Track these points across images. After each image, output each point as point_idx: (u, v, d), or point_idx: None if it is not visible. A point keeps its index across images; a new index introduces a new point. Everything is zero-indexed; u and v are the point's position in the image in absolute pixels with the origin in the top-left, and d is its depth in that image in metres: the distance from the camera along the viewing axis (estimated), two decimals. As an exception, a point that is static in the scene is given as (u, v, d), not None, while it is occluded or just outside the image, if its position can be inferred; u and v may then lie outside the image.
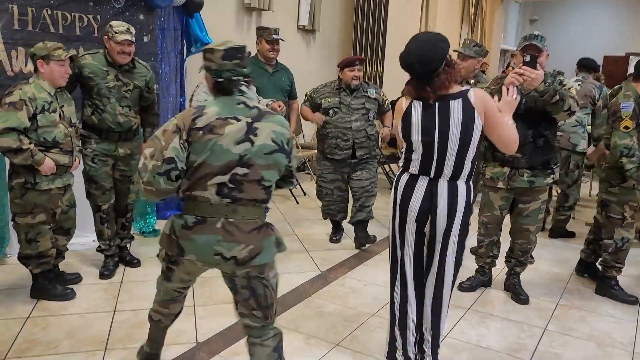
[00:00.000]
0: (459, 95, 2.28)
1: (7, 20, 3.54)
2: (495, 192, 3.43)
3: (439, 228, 2.39)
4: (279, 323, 3.08)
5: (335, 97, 4.24)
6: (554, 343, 3.06)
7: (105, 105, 3.45)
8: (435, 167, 2.36)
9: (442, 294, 2.48)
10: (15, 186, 3.04)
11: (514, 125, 2.39)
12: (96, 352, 2.75)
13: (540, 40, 3.22)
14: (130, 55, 3.48)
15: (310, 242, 4.57)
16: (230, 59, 2.04)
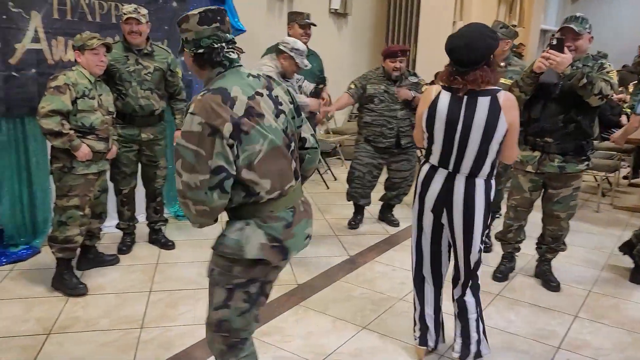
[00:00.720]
0: (488, 93, 2.28)
1: (47, 10, 3.64)
2: (524, 175, 3.42)
3: (457, 223, 2.41)
4: (308, 306, 3.20)
5: (381, 85, 4.28)
6: (584, 330, 3.05)
7: (127, 90, 3.55)
8: (454, 161, 2.37)
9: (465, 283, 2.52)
10: (54, 170, 3.14)
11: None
12: (133, 330, 2.87)
13: (580, 22, 3.16)
14: (141, 34, 3.53)
15: (340, 227, 4.61)
16: (208, 22, 1.74)
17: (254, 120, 1.70)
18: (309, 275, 3.62)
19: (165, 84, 3.76)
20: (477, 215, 2.38)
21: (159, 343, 2.76)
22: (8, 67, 3.51)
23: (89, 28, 3.80)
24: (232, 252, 1.75)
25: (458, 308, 2.54)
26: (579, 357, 2.79)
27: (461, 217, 2.38)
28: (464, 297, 2.51)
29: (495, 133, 2.28)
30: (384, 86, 4.29)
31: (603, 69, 3.13)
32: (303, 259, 3.85)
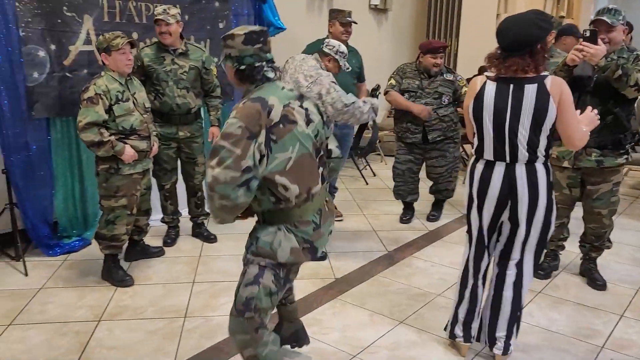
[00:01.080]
0: (534, 80, 2.28)
1: (98, 13, 3.76)
2: (561, 171, 3.36)
3: (521, 212, 2.39)
4: (345, 300, 3.24)
5: (416, 80, 4.29)
6: (630, 330, 2.99)
7: (164, 89, 3.62)
8: (509, 152, 2.36)
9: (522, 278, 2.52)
10: (100, 172, 3.17)
11: (587, 132, 2.40)
12: (177, 319, 2.97)
13: (613, 14, 3.11)
14: (171, 35, 3.55)
15: (378, 222, 4.61)
16: (252, 43, 1.92)
17: (288, 127, 1.89)
18: (347, 270, 3.65)
19: (200, 82, 3.80)
20: (540, 203, 2.38)
21: (201, 332, 2.83)
22: (62, 69, 3.65)
23: (136, 29, 3.97)
24: (266, 255, 1.98)
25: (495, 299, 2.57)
26: (623, 357, 2.74)
27: (526, 205, 2.38)
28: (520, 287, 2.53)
29: (547, 119, 2.28)
30: (418, 81, 4.29)
31: (639, 60, 3.06)
32: (341, 254, 3.91)
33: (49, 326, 2.85)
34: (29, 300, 3.12)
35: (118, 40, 3.08)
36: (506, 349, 2.57)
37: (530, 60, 2.26)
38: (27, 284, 3.32)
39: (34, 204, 3.64)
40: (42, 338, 2.74)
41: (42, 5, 3.51)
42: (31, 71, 3.51)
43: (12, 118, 3.45)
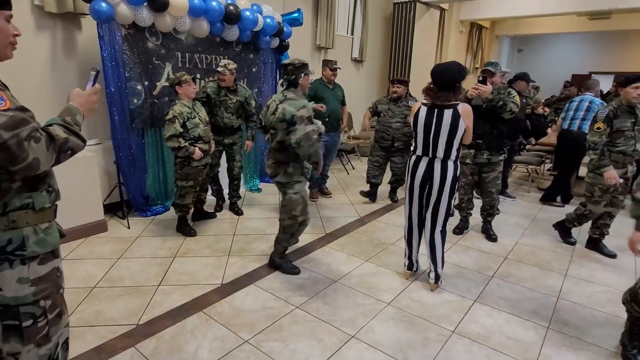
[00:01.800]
0: (451, 106, 2.34)
1: (174, 61, 3.80)
2: (465, 165, 3.41)
3: (434, 189, 2.48)
4: (331, 247, 3.29)
5: (386, 105, 4.24)
6: (509, 267, 3.06)
7: (217, 112, 3.59)
8: (431, 151, 2.44)
9: (435, 229, 2.57)
10: (178, 162, 3.19)
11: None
12: (223, 256, 3.04)
13: (494, 66, 3.19)
14: (225, 81, 3.49)
15: (355, 198, 4.62)
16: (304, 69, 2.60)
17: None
18: (333, 228, 3.70)
19: (243, 110, 3.74)
20: (446, 185, 2.44)
21: (239, 265, 2.90)
22: (152, 97, 3.69)
23: (199, 71, 3.98)
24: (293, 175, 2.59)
25: (430, 246, 2.62)
26: (505, 282, 2.79)
27: (437, 187, 2.46)
28: (434, 236, 2.58)
29: (457, 132, 2.34)
30: (387, 106, 4.24)
31: (510, 94, 3.13)
32: (330, 218, 3.94)
33: (143, 260, 2.93)
34: (130, 243, 3.20)
35: (186, 77, 3.12)
36: (437, 278, 2.66)
37: (452, 94, 2.32)
38: (129, 233, 3.39)
39: (134, 183, 3.68)
40: (139, 267, 2.82)
41: (140, 57, 3.56)
42: (132, 98, 3.56)
43: (120, 128, 3.50)
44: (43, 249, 1.26)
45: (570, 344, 2.17)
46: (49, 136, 1.17)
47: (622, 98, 3.03)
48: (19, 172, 1.15)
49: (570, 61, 12.13)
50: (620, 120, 3.00)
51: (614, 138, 3.04)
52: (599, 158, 2.99)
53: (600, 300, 2.63)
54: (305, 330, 2.19)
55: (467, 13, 8.95)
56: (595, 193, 3.14)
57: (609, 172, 2.96)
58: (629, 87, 2.96)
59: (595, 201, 3.16)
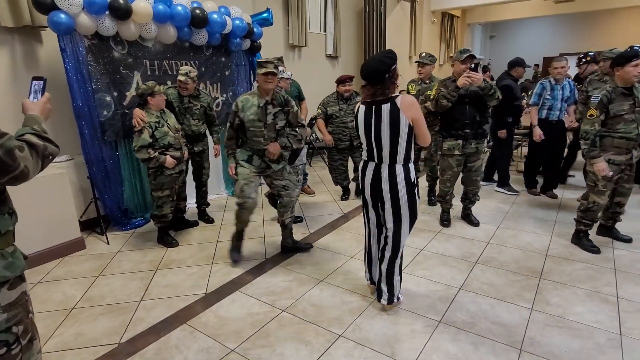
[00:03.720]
0: (388, 100, 2.01)
1: (143, 70, 3.71)
2: (452, 157, 3.35)
3: (386, 199, 2.13)
4: (317, 245, 3.24)
5: (336, 106, 4.04)
6: (492, 251, 3.08)
7: (183, 120, 3.45)
8: (377, 155, 2.12)
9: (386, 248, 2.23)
10: (151, 173, 3.11)
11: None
12: (206, 265, 2.98)
13: (478, 54, 3.20)
14: (188, 89, 3.38)
15: (338, 195, 4.55)
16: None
17: None
18: (318, 226, 3.67)
19: (205, 115, 3.61)
20: (401, 194, 2.11)
21: (223, 272, 2.84)
22: (122, 107, 3.58)
23: (170, 79, 3.88)
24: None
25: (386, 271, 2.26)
26: (489, 267, 2.82)
27: (389, 196, 2.12)
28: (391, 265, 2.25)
29: (400, 129, 2.01)
30: (339, 106, 4.03)
31: (494, 82, 3.18)
32: (314, 217, 3.90)
33: (124, 275, 2.85)
34: (110, 259, 3.11)
35: (159, 87, 3.06)
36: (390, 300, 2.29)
37: (380, 87, 2.00)
38: (109, 249, 3.30)
39: (110, 197, 3.58)
40: (120, 283, 2.74)
41: (106, 67, 3.46)
42: (102, 110, 3.46)
43: (91, 142, 3.40)
44: (13, 272, 1.24)
45: (554, 323, 2.20)
46: (29, 144, 1.18)
47: (617, 79, 2.76)
48: (8, 182, 1.15)
49: (541, 44, 12.40)
50: (617, 104, 2.72)
51: (613, 124, 2.76)
52: (589, 149, 2.76)
53: (580, 277, 2.67)
54: (292, 334, 2.16)
55: (438, 3, 9.01)
56: (599, 182, 2.87)
57: (599, 163, 2.75)
58: (627, 65, 2.66)
59: (599, 191, 2.89)
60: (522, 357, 1.94)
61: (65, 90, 3.28)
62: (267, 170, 2.89)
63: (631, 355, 1.93)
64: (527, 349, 1.99)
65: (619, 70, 2.73)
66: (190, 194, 3.90)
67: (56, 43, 3.17)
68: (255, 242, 3.35)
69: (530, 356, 1.94)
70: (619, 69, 2.72)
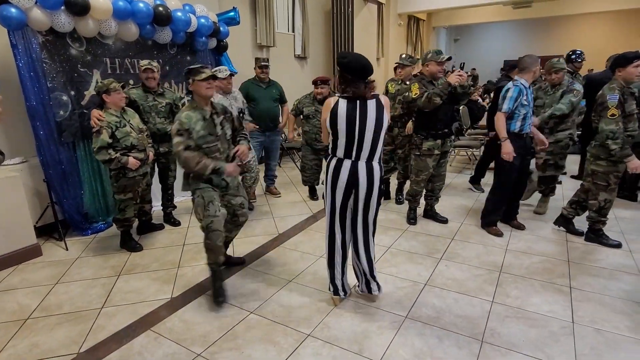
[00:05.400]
0: (373, 97, 2.07)
1: (103, 67, 3.57)
2: (430, 157, 3.38)
3: (361, 197, 2.15)
4: (285, 246, 3.24)
5: (312, 106, 4.07)
6: (457, 247, 3.17)
7: (149, 118, 3.35)
8: (355, 152, 2.08)
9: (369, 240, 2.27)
10: (113, 175, 3.01)
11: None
12: (172, 269, 2.90)
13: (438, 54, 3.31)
14: (155, 79, 3.30)
15: (307, 195, 4.53)
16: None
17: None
18: (287, 227, 3.65)
19: (172, 113, 3.51)
20: (374, 192, 2.14)
21: (190, 276, 2.78)
22: (80, 107, 3.44)
23: (132, 77, 3.76)
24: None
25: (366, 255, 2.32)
26: (453, 263, 2.90)
27: (364, 194, 2.14)
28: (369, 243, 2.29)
29: (383, 126, 2.07)
30: (314, 107, 4.05)
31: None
32: (283, 217, 3.88)
33: (83, 282, 2.73)
34: (69, 266, 2.97)
35: (115, 85, 2.93)
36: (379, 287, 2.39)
37: (368, 83, 2.05)
38: (67, 255, 3.15)
39: (69, 201, 3.42)
40: (79, 290, 2.62)
41: (62, 65, 3.30)
42: (58, 110, 3.29)
43: (47, 143, 3.23)
44: None
45: (513, 314, 2.30)
46: None
47: (622, 79, 2.81)
48: None
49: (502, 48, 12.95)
50: (628, 103, 2.79)
51: (626, 123, 2.80)
52: (621, 148, 2.75)
53: (537, 269, 2.81)
54: (260, 335, 2.14)
55: (404, 6, 9.21)
56: (611, 181, 2.92)
57: (634, 161, 2.76)
58: (629, 66, 2.75)
59: (612, 189, 2.95)
60: (483, 347, 2.02)
61: (18, 88, 3.11)
62: (227, 188, 2.54)
63: (582, 342, 2.05)
64: (488, 340, 2.07)
65: (621, 71, 2.81)
66: (156, 196, 3.79)
67: (7, 38, 2.99)
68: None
69: (490, 347, 2.02)
70: (622, 70, 2.80)
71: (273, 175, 4.56)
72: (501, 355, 1.96)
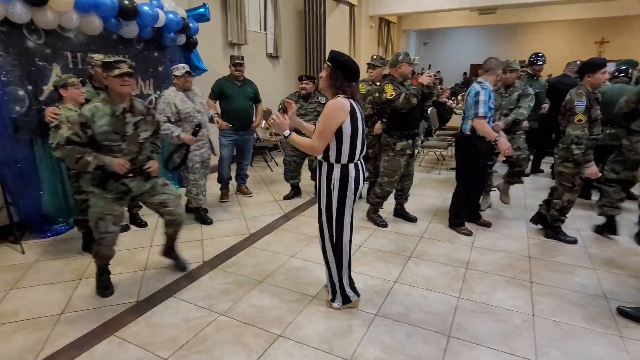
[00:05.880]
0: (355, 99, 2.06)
1: (64, 62, 3.40)
2: (403, 157, 3.42)
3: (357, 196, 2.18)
4: (256, 247, 3.20)
5: (296, 104, 3.98)
6: (425, 245, 3.23)
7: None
8: (358, 154, 2.08)
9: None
10: (72, 175, 2.91)
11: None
12: (138, 271, 2.80)
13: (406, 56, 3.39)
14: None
15: (280, 195, 4.52)
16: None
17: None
18: (258, 227, 3.60)
19: None
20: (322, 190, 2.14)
21: (157, 278, 2.69)
22: (39, 102, 3.25)
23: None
24: None
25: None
26: (422, 260, 2.95)
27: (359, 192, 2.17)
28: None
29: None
30: (299, 104, 4.07)
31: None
32: (255, 217, 3.83)
33: (42, 287, 2.58)
34: (26, 270, 2.80)
35: (73, 79, 2.80)
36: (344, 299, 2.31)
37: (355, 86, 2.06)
38: (24, 259, 2.97)
39: (26, 201, 3.22)
40: (37, 296, 2.48)
41: (19, 58, 3.11)
42: (13, 106, 3.10)
43: (2, 141, 3.03)
44: None
45: (478, 309, 2.37)
46: None
47: (589, 85, 2.91)
48: None
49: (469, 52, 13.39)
50: (594, 109, 2.90)
51: (591, 127, 2.91)
52: (584, 153, 2.87)
53: (501, 265, 2.91)
54: (230, 337, 2.10)
55: (375, 8, 9.33)
56: (576, 183, 3.07)
57: (592, 168, 2.89)
58: (598, 72, 2.85)
59: (575, 190, 3.11)
60: (450, 342, 2.07)
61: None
62: (130, 193, 2.42)
63: (542, 334, 2.14)
64: (455, 335, 2.13)
65: (590, 77, 2.89)
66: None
67: (-45, 28, 2.79)
68: (192, 245, 3.21)
69: (457, 341, 2.08)
70: (591, 75, 2.88)
71: (244, 175, 4.50)
72: (467, 349, 2.02)
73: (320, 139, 1.99)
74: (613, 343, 2.07)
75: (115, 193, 2.36)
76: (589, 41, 11.93)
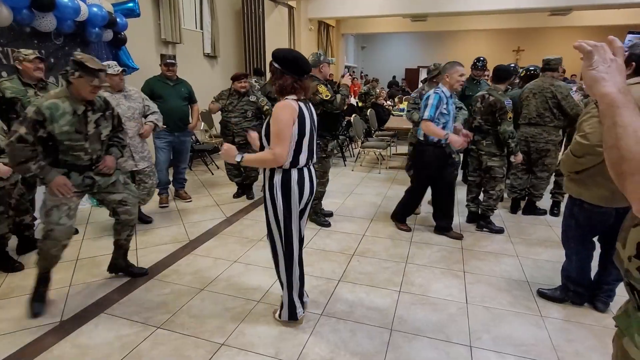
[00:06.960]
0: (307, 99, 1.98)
1: None
2: (331, 157, 3.51)
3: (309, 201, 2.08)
4: (197, 253, 3.07)
5: (227, 100, 4.09)
6: (367, 242, 3.31)
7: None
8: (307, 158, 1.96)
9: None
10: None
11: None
12: (62, 288, 2.55)
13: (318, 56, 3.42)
14: (40, 69, 2.87)
15: (220, 199, 4.42)
16: None
17: None
18: (199, 233, 3.46)
19: None
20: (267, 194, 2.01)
21: (85, 294, 2.46)
22: None
23: (4, 69, 3.23)
24: None
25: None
26: (365, 258, 3.01)
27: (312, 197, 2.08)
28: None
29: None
30: (229, 101, 4.07)
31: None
32: (195, 223, 3.67)
33: (-59, 314, 2.24)
34: None
35: None
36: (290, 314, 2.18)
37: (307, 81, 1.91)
38: None
39: None
40: None
41: None
42: None
43: None
44: None
45: (418, 301, 2.47)
46: None
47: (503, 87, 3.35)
48: None
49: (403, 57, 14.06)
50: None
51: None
52: (517, 145, 3.27)
53: (437, 258, 3.07)
54: (169, 351, 1.98)
55: (314, 12, 9.42)
56: (504, 173, 3.44)
57: (519, 156, 3.31)
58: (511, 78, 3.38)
59: (502, 180, 3.46)
60: (392, 335, 2.13)
61: None
62: (93, 187, 2.32)
63: (474, 319, 2.29)
64: (397, 328, 2.20)
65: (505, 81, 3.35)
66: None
67: None
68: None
69: (399, 334, 2.15)
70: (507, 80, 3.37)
71: (182, 179, 4.30)
72: (408, 340, 2.10)
73: (279, 144, 1.80)
74: (534, 322, 2.28)
75: (79, 187, 2.24)
76: (507, 49, 13.11)
